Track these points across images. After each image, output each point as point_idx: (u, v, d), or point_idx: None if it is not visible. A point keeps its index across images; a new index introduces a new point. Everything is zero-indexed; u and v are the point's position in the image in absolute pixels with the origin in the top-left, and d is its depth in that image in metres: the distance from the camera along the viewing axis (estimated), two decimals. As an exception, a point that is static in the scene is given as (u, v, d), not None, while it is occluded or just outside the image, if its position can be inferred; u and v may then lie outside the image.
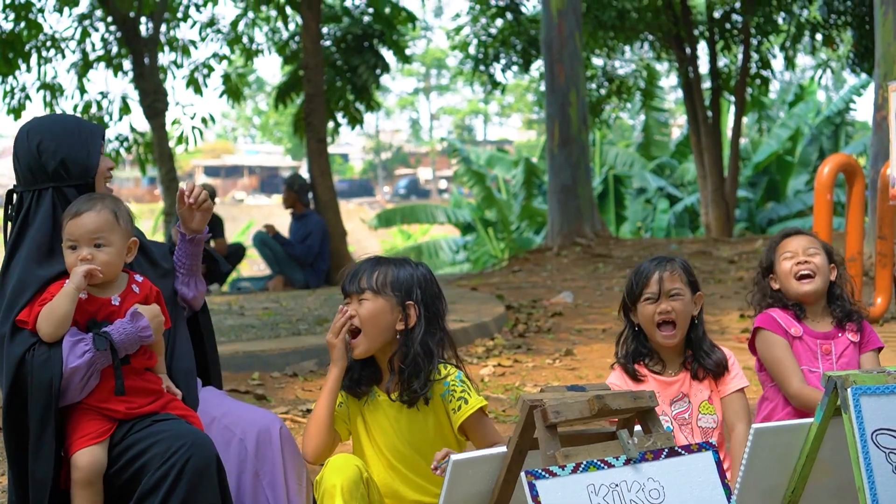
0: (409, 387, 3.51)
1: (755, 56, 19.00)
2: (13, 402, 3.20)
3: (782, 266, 4.23)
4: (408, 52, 16.47)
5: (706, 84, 19.45)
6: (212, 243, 12.72)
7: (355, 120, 15.58)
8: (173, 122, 15.10)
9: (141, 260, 3.53)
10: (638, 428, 3.13)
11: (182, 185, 3.70)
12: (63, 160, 3.38)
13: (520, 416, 3.05)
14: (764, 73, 19.23)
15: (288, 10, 15.05)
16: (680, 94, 22.76)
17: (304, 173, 14.54)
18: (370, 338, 3.52)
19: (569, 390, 3.22)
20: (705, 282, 10.36)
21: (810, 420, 3.36)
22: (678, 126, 39.66)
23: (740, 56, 18.94)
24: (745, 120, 22.40)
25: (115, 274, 3.33)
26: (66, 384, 3.17)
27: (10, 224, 3.45)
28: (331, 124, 15.41)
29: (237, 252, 13.17)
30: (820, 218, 7.85)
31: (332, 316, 8.41)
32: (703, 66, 19.27)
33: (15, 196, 3.47)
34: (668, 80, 33.56)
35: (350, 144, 69.52)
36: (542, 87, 15.87)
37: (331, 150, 14.69)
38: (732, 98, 19.47)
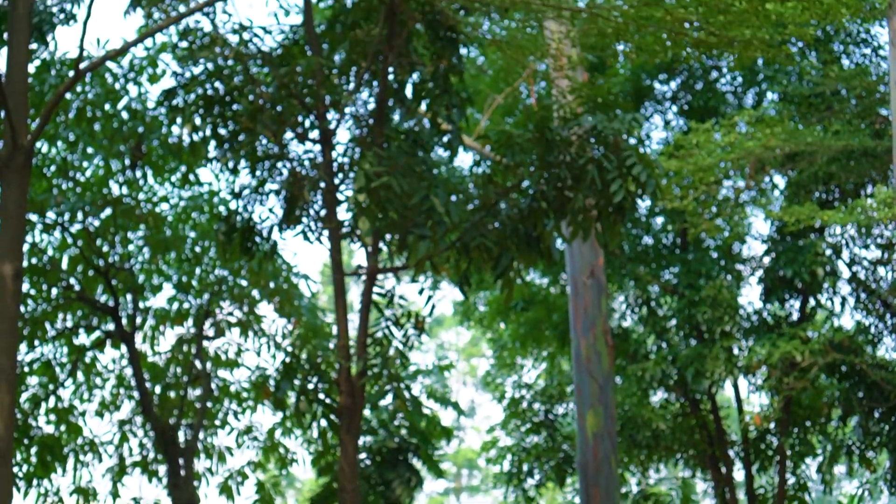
0: None
1: (791, 479, 18.78)
2: None
3: None
4: (439, 454, 16.48)
5: (743, 505, 19.13)
6: None
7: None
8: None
9: None
10: None
11: None
12: None
13: None
14: (801, 495, 18.94)
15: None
16: None
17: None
18: None
19: None
20: None
21: None
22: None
23: (776, 477, 18.73)
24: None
25: None
26: None
27: None
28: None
29: None
30: None
31: None
32: (739, 477, 19.00)
33: None
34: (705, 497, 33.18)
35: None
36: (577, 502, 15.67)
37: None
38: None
